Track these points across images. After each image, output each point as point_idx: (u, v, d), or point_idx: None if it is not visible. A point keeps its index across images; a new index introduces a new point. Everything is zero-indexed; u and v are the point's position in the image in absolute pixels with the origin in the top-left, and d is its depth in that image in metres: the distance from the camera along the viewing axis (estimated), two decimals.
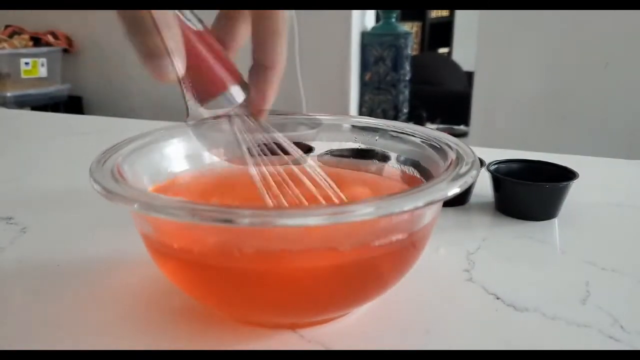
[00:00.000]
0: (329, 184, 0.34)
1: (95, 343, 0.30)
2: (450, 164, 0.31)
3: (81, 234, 0.44)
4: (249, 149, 0.32)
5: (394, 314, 0.32)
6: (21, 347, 0.29)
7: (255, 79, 0.32)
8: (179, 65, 0.32)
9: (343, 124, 0.41)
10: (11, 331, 0.31)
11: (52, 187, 0.55)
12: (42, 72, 2.22)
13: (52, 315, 0.32)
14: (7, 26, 2.25)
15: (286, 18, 0.30)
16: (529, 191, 0.45)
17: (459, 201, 0.49)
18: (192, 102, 0.34)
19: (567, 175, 0.46)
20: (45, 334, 0.30)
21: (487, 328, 0.31)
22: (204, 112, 0.35)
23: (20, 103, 2.11)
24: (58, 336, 0.30)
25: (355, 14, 1.94)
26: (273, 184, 0.32)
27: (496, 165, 0.48)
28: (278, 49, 0.31)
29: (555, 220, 0.46)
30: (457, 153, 0.32)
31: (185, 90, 0.34)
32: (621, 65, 1.42)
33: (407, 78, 2.19)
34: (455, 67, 3.10)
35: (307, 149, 0.43)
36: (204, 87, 0.31)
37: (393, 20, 2.11)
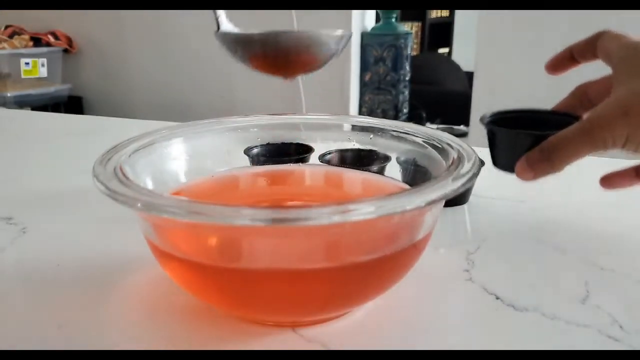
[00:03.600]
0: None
1: (96, 343, 0.30)
2: (452, 163, 0.31)
3: (81, 234, 0.44)
4: None
5: (394, 313, 0.32)
6: (21, 347, 0.29)
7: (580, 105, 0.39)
8: None
9: (344, 124, 0.41)
10: (11, 331, 0.31)
11: (52, 187, 0.55)
12: (43, 72, 2.22)
13: (52, 315, 0.32)
14: (7, 26, 2.25)
15: None
16: (528, 141, 0.39)
17: (458, 201, 0.49)
18: (223, 17, 0.35)
19: (569, 121, 0.40)
20: (46, 334, 0.30)
21: (487, 328, 0.31)
22: (233, 28, 0.35)
23: (21, 103, 2.11)
24: (58, 336, 0.30)
25: (355, 14, 1.94)
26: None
27: (492, 118, 0.40)
28: None
29: (555, 220, 0.46)
30: (459, 152, 0.32)
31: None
32: None
33: (407, 78, 2.19)
34: (455, 67, 3.10)
35: (308, 149, 0.43)
36: None
37: (393, 20, 2.12)
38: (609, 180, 0.41)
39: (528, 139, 0.38)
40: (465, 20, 3.52)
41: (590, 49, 0.39)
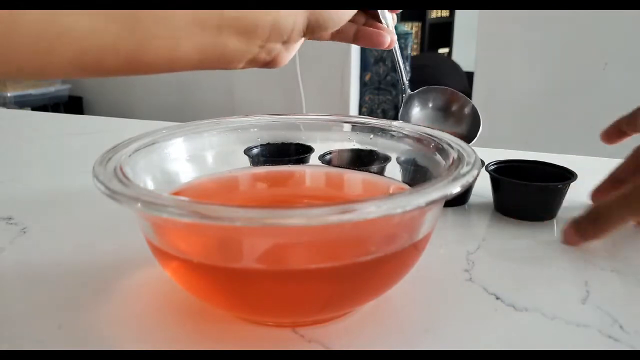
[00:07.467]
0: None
1: (96, 343, 0.30)
2: (452, 163, 0.31)
3: (81, 234, 0.44)
4: None
5: (394, 314, 0.32)
6: (22, 347, 0.29)
7: None
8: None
9: (344, 124, 0.41)
10: (11, 331, 0.31)
11: (52, 187, 0.55)
12: None
13: (52, 315, 0.32)
14: None
15: None
16: (528, 191, 0.45)
17: (458, 201, 0.49)
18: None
19: (565, 175, 0.46)
20: (46, 334, 0.30)
21: (487, 328, 0.31)
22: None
23: (21, 103, 2.11)
24: (59, 336, 0.30)
25: None
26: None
27: (495, 166, 0.48)
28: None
29: (555, 220, 0.46)
30: (458, 152, 0.32)
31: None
32: (620, 65, 1.42)
33: (407, 78, 2.19)
34: (455, 67, 3.10)
35: (308, 149, 0.43)
36: None
37: None
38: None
39: (533, 189, 0.43)
40: (465, 20, 3.52)
41: (634, 121, 0.43)
